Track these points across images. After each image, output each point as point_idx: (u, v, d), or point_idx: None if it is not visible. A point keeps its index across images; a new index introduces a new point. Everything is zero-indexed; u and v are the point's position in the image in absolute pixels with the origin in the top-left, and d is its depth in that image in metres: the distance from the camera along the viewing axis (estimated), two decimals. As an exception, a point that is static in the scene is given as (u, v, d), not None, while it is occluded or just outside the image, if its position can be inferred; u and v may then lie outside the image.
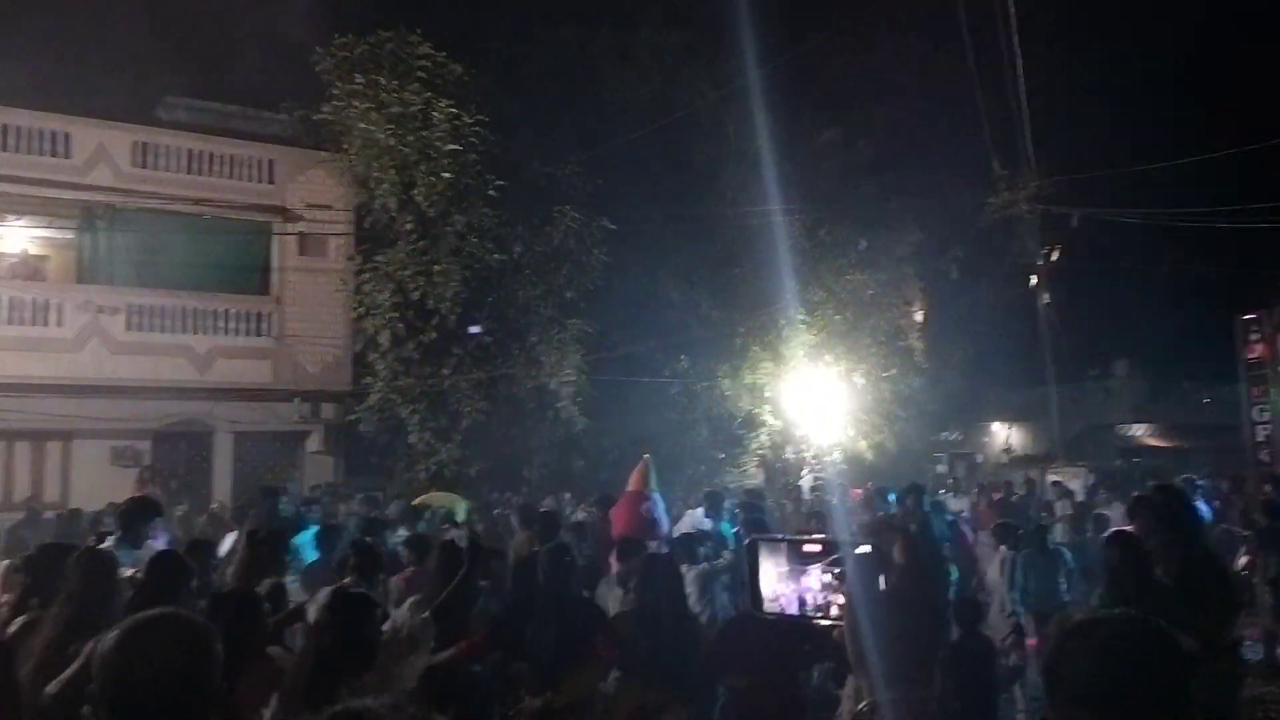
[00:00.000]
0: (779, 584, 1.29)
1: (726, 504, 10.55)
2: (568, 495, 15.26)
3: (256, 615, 4.42)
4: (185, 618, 2.07)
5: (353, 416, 18.37)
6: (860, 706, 1.19)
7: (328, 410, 19.13)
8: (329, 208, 19.10)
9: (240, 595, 4.55)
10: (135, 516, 6.77)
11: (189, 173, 18.19)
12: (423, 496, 9.53)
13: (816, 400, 21.56)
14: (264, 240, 18.98)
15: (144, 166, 17.84)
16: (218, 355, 18.14)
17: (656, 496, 10.03)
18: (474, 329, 18.90)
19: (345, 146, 18.35)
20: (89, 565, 4.36)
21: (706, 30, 21.46)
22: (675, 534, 9.69)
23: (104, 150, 17.58)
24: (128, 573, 5.06)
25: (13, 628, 4.26)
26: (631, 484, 10.15)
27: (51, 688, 3.58)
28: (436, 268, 17.92)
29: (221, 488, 17.63)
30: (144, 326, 17.61)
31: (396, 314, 17.93)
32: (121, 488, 14.99)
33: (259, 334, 18.57)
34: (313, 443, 19.01)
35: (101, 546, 5.68)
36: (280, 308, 18.84)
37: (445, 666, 5.21)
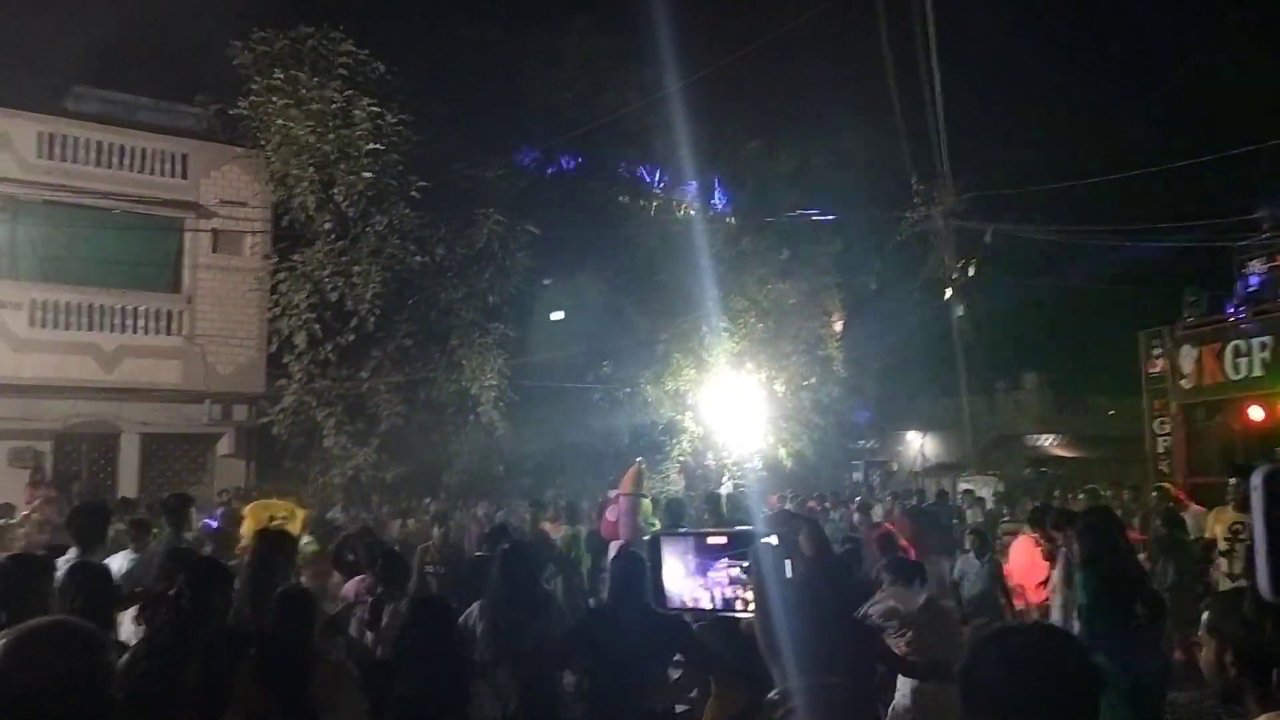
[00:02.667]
0: (686, 580, 1.29)
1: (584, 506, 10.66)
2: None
3: (314, 615, 4.28)
4: (76, 625, 2.00)
5: (266, 419, 17.97)
6: (770, 695, 1.21)
7: (240, 412, 18.67)
8: (244, 204, 18.68)
9: (298, 594, 4.38)
10: (90, 524, 6.09)
11: (98, 165, 17.61)
12: (256, 504, 9.22)
13: (737, 408, 21.77)
14: (176, 237, 18.45)
15: (50, 158, 17.22)
16: (125, 354, 17.58)
17: (626, 500, 10.13)
18: (558, 312, 18.57)
19: (263, 143, 17.96)
20: (89, 580, 4.17)
21: (634, 38, 21.57)
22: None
23: (7, 140, 16.92)
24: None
25: None
26: (623, 487, 10.32)
27: None
28: (356, 268, 17.64)
29: (128, 492, 17.04)
30: (48, 323, 16.99)
31: (313, 315, 17.59)
32: (19, 490, 14.44)
33: (169, 333, 18.04)
34: (224, 446, 18.54)
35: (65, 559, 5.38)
36: (192, 306, 18.33)
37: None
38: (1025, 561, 9.53)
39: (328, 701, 3.62)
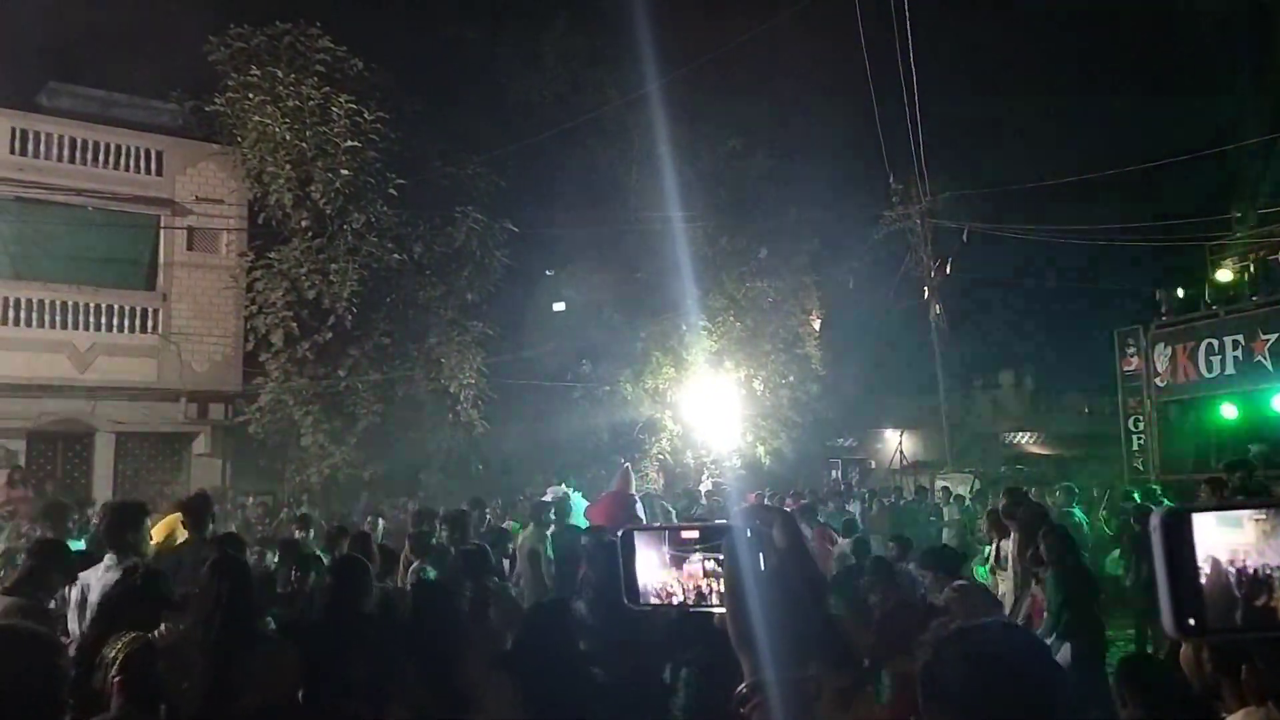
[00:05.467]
0: (661, 573, 1.30)
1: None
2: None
3: (459, 607, 4.28)
4: (29, 630, 1.98)
5: (242, 418, 17.84)
6: (740, 687, 1.22)
7: (216, 411, 18.54)
8: (220, 202, 18.55)
9: (441, 587, 4.37)
10: (120, 525, 5.58)
11: (72, 162, 17.44)
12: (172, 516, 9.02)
13: (716, 406, 21.80)
14: (151, 234, 18.30)
15: (23, 154, 17.03)
16: (99, 352, 17.41)
17: (638, 498, 10.53)
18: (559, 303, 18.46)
19: (239, 139, 17.82)
20: (236, 575, 4.16)
21: (612, 37, 21.53)
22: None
23: (-21, 136, 16.75)
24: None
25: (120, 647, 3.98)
26: (616, 486, 10.57)
27: (247, 700, 3.57)
28: (333, 266, 17.53)
29: (102, 491, 16.87)
30: (20, 321, 16.82)
31: (290, 313, 17.47)
32: (-7, 489, 14.30)
33: (143, 331, 17.89)
34: (199, 445, 18.40)
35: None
36: (167, 304, 18.19)
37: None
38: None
39: (480, 691, 3.66)
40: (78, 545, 7.18)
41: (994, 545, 8.34)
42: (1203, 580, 1.08)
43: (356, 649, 3.82)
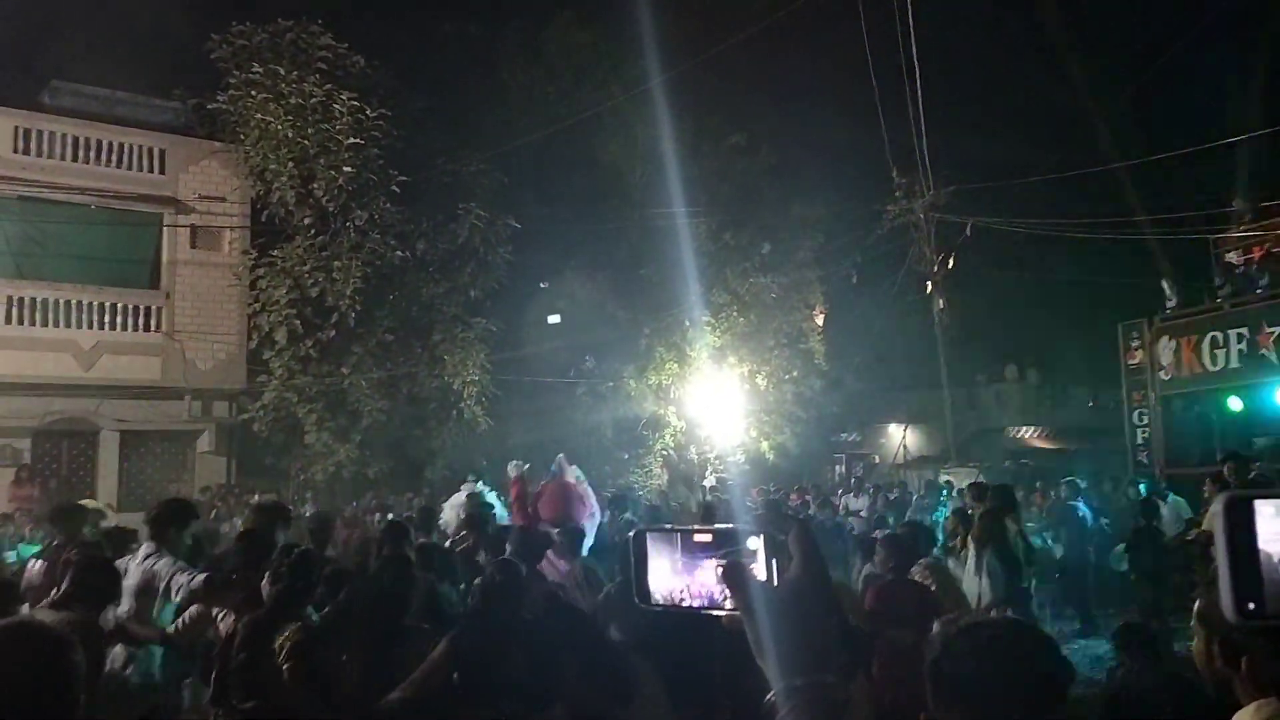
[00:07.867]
0: (673, 577, 1.29)
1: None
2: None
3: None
4: (41, 628, 1.98)
5: (246, 415, 17.87)
6: (768, 697, 1.22)
7: (220, 409, 18.57)
8: (223, 200, 18.56)
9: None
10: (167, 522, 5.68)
11: (75, 160, 17.46)
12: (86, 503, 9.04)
13: (720, 401, 21.80)
14: (154, 232, 18.33)
15: (26, 153, 17.05)
16: (103, 351, 17.44)
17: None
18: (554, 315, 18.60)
19: (241, 137, 17.85)
20: (398, 572, 4.50)
21: (615, 32, 21.53)
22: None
23: (-18, 134, 16.76)
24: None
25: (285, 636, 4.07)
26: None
27: (400, 692, 3.66)
28: (336, 264, 17.55)
29: (107, 489, 16.94)
30: (24, 320, 16.84)
31: (294, 310, 17.50)
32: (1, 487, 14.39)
33: (148, 329, 17.91)
34: (204, 443, 18.42)
35: None
36: (170, 302, 18.21)
37: None
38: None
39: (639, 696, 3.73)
40: (31, 549, 7.31)
41: (959, 539, 8.79)
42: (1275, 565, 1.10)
43: (517, 650, 3.89)
